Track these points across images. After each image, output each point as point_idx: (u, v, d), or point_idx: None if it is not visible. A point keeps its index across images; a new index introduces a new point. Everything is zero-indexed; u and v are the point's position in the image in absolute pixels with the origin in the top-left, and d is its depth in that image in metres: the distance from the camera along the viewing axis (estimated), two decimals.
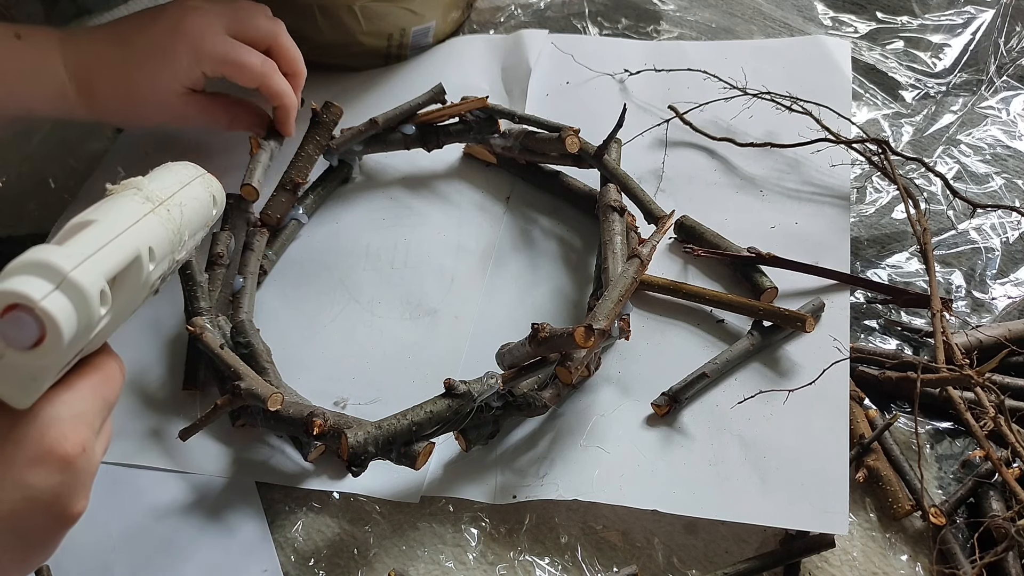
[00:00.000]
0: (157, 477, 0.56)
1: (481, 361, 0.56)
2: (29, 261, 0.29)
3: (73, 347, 0.30)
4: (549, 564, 0.51)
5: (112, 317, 0.33)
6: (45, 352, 0.29)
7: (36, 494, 0.32)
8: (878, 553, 0.50)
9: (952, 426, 0.55)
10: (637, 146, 0.69)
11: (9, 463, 0.31)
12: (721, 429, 0.53)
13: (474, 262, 0.66)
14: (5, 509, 0.31)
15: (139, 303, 0.37)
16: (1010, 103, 0.72)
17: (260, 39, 0.63)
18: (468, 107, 0.67)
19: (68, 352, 0.30)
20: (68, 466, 0.32)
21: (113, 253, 0.31)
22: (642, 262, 0.53)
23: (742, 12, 0.82)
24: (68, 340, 0.29)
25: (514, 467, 0.54)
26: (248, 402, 0.53)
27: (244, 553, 0.52)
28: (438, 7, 0.78)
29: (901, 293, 0.59)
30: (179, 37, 0.60)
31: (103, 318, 0.31)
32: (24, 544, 0.33)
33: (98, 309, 0.30)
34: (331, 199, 0.71)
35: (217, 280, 0.62)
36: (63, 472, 0.32)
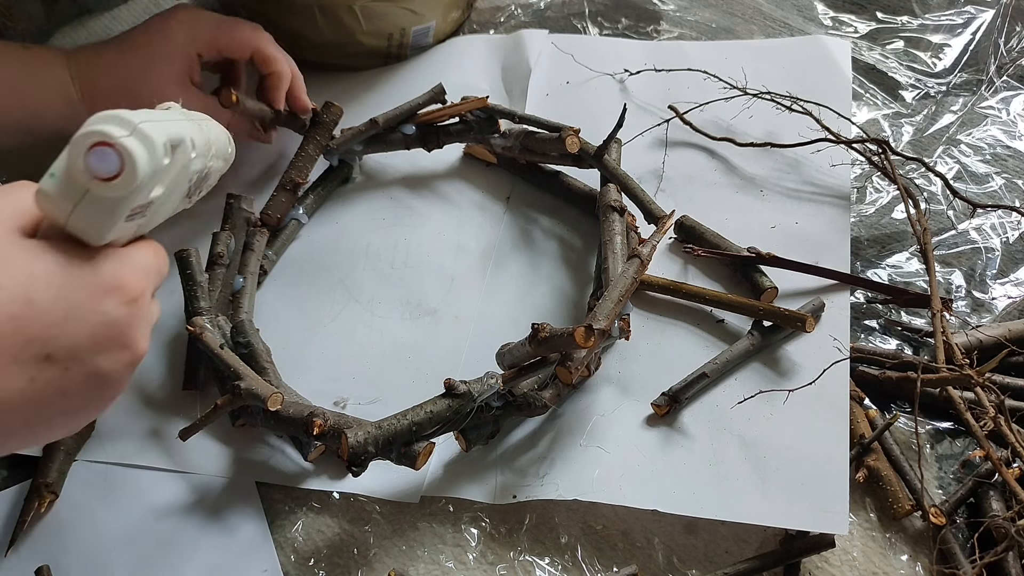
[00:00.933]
0: (157, 477, 0.56)
1: (481, 361, 0.56)
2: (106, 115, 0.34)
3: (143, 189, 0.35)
4: (549, 564, 0.51)
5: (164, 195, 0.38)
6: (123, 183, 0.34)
7: (110, 319, 0.36)
8: (878, 553, 0.50)
9: (952, 426, 0.55)
10: (637, 146, 0.69)
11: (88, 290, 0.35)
12: (721, 429, 0.53)
13: (474, 262, 0.66)
14: (86, 331, 0.35)
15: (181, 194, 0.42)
16: (1010, 103, 0.72)
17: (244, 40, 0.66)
18: (468, 107, 0.67)
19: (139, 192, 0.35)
20: (134, 302, 0.37)
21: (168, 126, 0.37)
22: (642, 262, 0.53)
23: (742, 12, 0.82)
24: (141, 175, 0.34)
25: (514, 467, 0.54)
26: (248, 402, 0.53)
27: (244, 553, 0.52)
28: (438, 7, 0.78)
29: (901, 293, 0.59)
30: (172, 21, 0.63)
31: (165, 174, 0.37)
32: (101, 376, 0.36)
33: (162, 158, 0.36)
34: (331, 199, 0.71)
35: (217, 280, 0.62)
36: (130, 306, 0.37)
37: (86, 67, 0.62)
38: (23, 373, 0.34)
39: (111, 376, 0.37)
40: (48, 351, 0.34)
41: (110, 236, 0.36)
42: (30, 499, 0.54)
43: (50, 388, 0.35)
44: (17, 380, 0.33)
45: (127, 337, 0.37)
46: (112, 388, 0.38)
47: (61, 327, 0.34)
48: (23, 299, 0.33)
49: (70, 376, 0.35)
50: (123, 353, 0.37)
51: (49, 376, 0.34)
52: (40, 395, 0.34)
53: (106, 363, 0.36)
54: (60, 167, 0.34)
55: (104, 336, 0.36)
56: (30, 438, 0.37)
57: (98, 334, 0.36)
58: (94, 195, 0.34)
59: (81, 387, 0.36)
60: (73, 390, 0.36)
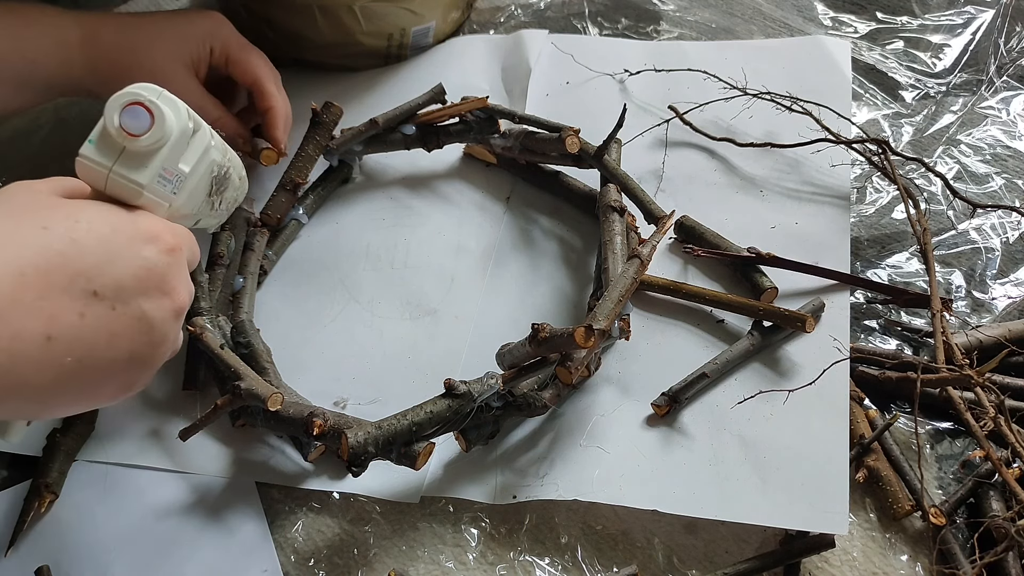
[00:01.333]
0: (157, 477, 0.56)
1: (481, 361, 0.56)
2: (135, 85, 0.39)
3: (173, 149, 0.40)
4: (549, 564, 0.51)
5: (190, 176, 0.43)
6: (154, 134, 0.38)
7: (151, 264, 0.38)
8: (878, 553, 0.50)
9: (952, 426, 0.55)
10: (637, 146, 0.69)
11: (129, 236, 0.38)
12: (721, 429, 0.53)
13: (474, 262, 0.66)
14: (129, 271, 0.37)
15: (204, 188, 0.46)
16: (1010, 103, 0.72)
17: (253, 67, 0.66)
18: (468, 107, 0.67)
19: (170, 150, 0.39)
20: (172, 252, 0.39)
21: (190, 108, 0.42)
22: (642, 262, 0.53)
23: (742, 12, 0.82)
24: (169, 128, 0.39)
25: (514, 467, 0.54)
26: (248, 402, 0.53)
27: (244, 553, 0.52)
28: (438, 7, 0.78)
29: (901, 293, 0.59)
30: (202, 14, 0.64)
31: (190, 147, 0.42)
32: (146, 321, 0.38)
33: (187, 121, 0.40)
34: (331, 199, 0.71)
35: (217, 280, 0.62)
36: (169, 255, 0.39)
37: (95, 21, 0.61)
38: (73, 306, 0.35)
39: (155, 321, 0.39)
40: (94, 287, 0.36)
41: (146, 195, 0.40)
42: (30, 499, 0.54)
43: (100, 325, 0.36)
44: (69, 312, 0.35)
45: (167, 284, 0.39)
46: (157, 335, 0.39)
47: (105, 266, 0.36)
48: (68, 239, 0.36)
49: (117, 316, 0.37)
50: (165, 300, 0.39)
51: (98, 312, 0.36)
52: (91, 333, 0.36)
53: (149, 307, 0.38)
54: (97, 131, 0.39)
55: (146, 279, 0.38)
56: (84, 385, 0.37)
57: (140, 276, 0.38)
58: (129, 151, 0.39)
59: (128, 329, 0.38)
60: (121, 331, 0.37)
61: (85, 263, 0.36)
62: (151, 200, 0.41)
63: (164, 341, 0.40)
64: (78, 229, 0.36)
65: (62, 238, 0.36)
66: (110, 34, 0.61)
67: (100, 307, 0.36)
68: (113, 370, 0.38)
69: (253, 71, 0.65)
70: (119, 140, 0.38)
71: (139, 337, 0.38)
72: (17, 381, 0.34)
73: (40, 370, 0.35)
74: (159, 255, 0.39)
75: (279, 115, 0.65)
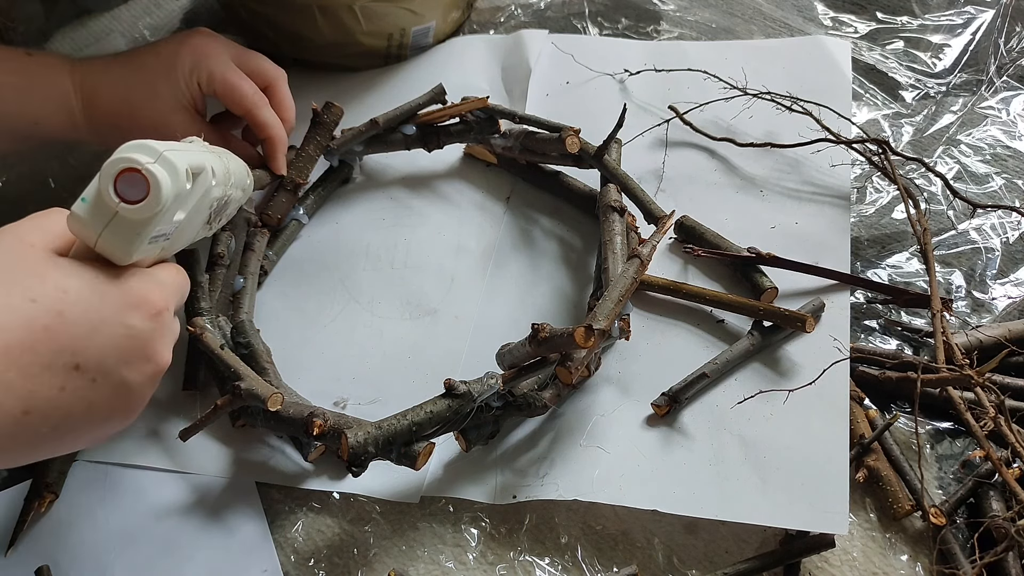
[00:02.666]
0: (157, 477, 0.56)
1: (481, 361, 0.56)
2: (134, 144, 0.38)
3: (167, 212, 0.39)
4: (549, 564, 0.51)
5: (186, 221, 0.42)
6: (148, 206, 0.37)
7: (135, 332, 0.39)
8: (878, 553, 0.50)
9: (952, 426, 0.55)
10: (637, 146, 0.69)
11: (115, 305, 0.38)
12: (721, 429, 0.53)
13: (474, 262, 0.66)
14: (113, 342, 0.38)
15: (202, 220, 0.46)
16: (1010, 103, 0.72)
17: (260, 76, 0.64)
18: (469, 107, 0.67)
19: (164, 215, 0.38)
20: (157, 316, 0.40)
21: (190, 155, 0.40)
22: (642, 262, 0.53)
23: (742, 12, 0.82)
24: (165, 199, 0.38)
25: (514, 467, 0.54)
26: (248, 402, 0.53)
27: (244, 553, 0.52)
28: (438, 7, 0.78)
29: (901, 293, 0.59)
30: (184, 47, 0.62)
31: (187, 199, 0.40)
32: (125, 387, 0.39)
33: (184, 183, 0.39)
34: (332, 199, 0.71)
35: (217, 280, 0.62)
36: (154, 320, 0.40)
37: (91, 79, 0.61)
38: (54, 381, 0.36)
39: (135, 387, 0.39)
40: (77, 361, 0.36)
41: (136, 256, 0.39)
42: (30, 499, 0.54)
43: (78, 397, 0.37)
44: (49, 387, 0.36)
45: (151, 349, 0.40)
46: (135, 400, 0.40)
47: (90, 338, 0.37)
48: (55, 312, 0.36)
49: (97, 387, 0.37)
50: (147, 365, 0.40)
51: (78, 385, 0.37)
52: (69, 404, 0.36)
53: (131, 374, 0.39)
54: (91, 192, 0.38)
55: (129, 348, 0.38)
56: (58, 446, 0.38)
57: (123, 346, 0.38)
58: (122, 217, 0.37)
59: (107, 398, 0.38)
60: (99, 400, 0.38)
61: (69, 337, 0.36)
62: (142, 258, 0.40)
63: (142, 402, 0.41)
64: (65, 301, 0.36)
65: (49, 311, 0.36)
66: (105, 97, 0.61)
67: (81, 380, 0.37)
68: (88, 431, 0.39)
69: (240, 102, 0.62)
70: (112, 205, 0.37)
71: (117, 403, 0.39)
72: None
73: (14, 440, 0.35)
74: (144, 322, 0.39)
75: (276, 144, 0.64)
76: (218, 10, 0.87)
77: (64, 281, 0.37)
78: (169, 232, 0.41)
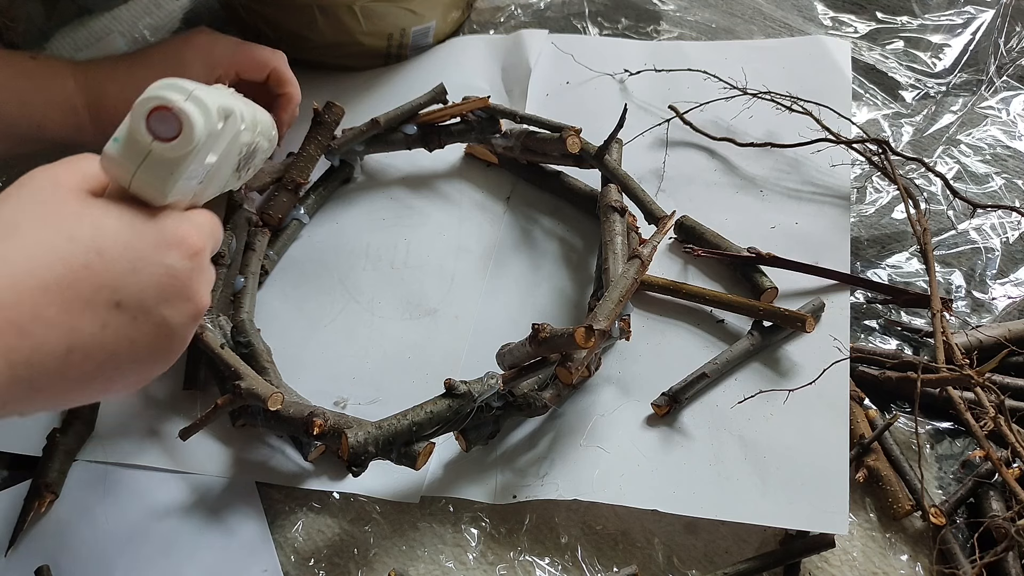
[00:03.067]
0: (157, 477, 0.56)
1: (481, 361, 0.56)
2: (164, 83, 0.38)
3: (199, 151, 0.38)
4: (549, 564, 0.51)
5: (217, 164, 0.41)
6: (181, 144, 0.37)
7: (174, 271, 0.38)
8: (878, 553, 0.50)
9: (952, 426, 0.55)
10: (637, 146, 0.69)
11: (153, 244, 0.38)
12: (721, 429, 0.53)
13: (474, 262, 0.66)
14: (152, 281, 0.37)
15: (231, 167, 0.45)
16: (1010, 103, 0.72)
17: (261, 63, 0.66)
18: (470, 107, 0.67)
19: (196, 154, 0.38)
20: (195, 256, 0.39)
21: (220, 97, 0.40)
22: (643, 263, 0.53)
23: (742, 12, 0.82)
24: (198, 136, 0.37)
25: (514, 467, 0.54)
26: (248, 402, 0.53)
27: (244, 553, 0.52)
28: (438, 7, 0.78)
29: (901, 293, 0.59)
30: (189, 45, 0.62)
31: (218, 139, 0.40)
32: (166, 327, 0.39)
33: (216, 122, 0.39)
34: (332, 199, 0.71)
35: (218, 280, 0.62)
36: (192, 259, 0.39)
37: (95, 81, 0.61)
38: (96, 318, 0.36)
39: (175, 327, 0.39)
40: (118, 298, 0.36)
41: (171, 196, 0.39)
42: (30, 499, 0.54)
43: (120, 335, 0.37)
44: (91, 324, 0.35)
45: (190, 289, 0.39)
46: (176, 340, 0.40)
47: (129, 276, 0.37)
48: (94, 249, 0.36)
49: (138, 325, 0.37)
50: (186, 305, 0.39)
51: (119, 323, 0.37)
52: (111, 341, 0.36)
53: (171, 313, 0.39)
54: (123, 132, 0.37)
55: (168, 287, 0.38)
56: (103, 387, 0.38)
57: (163, 284, 0.38)
58: (155, 156, 0.37)
59: (148, 336, 0.38)
60: (141, 339, 0.38)
61: (109, 275, 0.36)
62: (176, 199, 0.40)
63: (183, 343, 0.41)
64: (103, 239, 0.36)
65: (88, 249, 0.35)
66: (111, 98, 0.61)
67: (122, 317, 0.37)
68: (131, 371, 0.39)
69: (263, 66, 0.65)
70: (145, 144, 0.37)
71: (159, 342, 0.39)
72: (35, 389, 0.34)
73: (59, 380, 0.35)
74: (182, 261, 0.39)
75: (292, 100, 0.67)
76: (218, 10, 0.87)
77: (101, 220, 0.37)
78: (201, 176, 0.41)
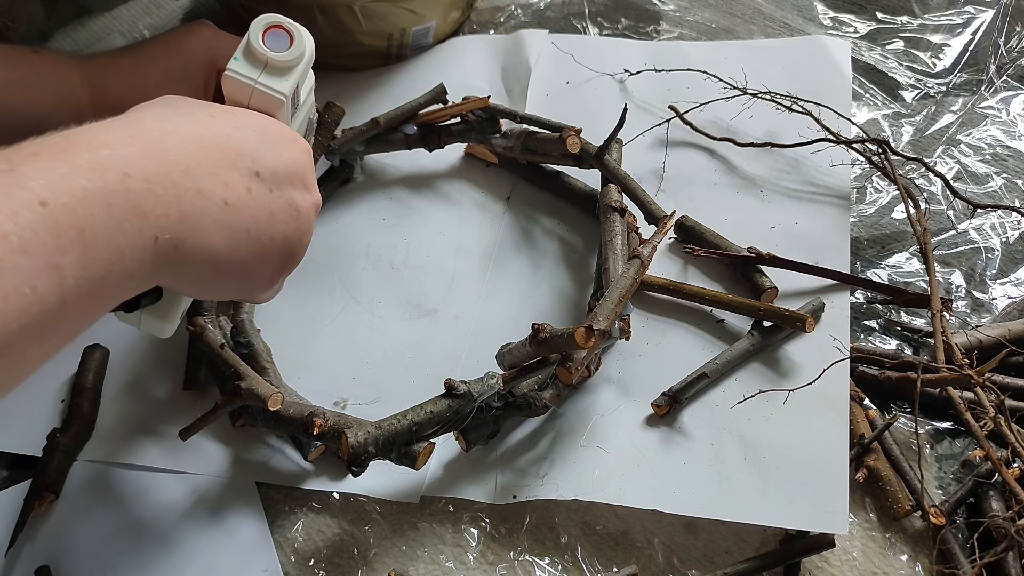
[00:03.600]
0: (157, 477, 0.56)
1: (481, 361, 0.56)
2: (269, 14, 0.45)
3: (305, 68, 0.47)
4: (549, 564, 0.51)
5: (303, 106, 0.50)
6: (294, 50, 0.45)
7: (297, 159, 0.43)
8: (878, 553, 0.50)
9: (952, 426, 0.55)
10: (638, 146, 0.69)
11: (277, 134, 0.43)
12: (721, 429, 0.53)
13: (474, 262, 0.66)
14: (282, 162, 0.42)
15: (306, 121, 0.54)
16: (1010, 103, 0.72)
17: None
18: (470, 107, 0.67)
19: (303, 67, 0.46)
20: (308, 153, 0.45)
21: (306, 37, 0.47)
22: (643, 263, 0.53)
23: (742, 12, 0.82)
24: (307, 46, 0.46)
25: (514, 467, 0.54)
26: (248, 402, 0.53)
27: (244, 553, 0.52)
28: (438, 7, 0.78)
29: (901, 293, 0.59)
30: (193, 37, 0.62)
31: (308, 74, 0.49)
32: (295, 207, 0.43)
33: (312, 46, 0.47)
34: (332, 199, 0.71)
35: None
36: (307, 156, 0.45)
37: (98, 73, 0.61)
38: (241, 181, 0.39)
39: (303, 211, 0.43)
40: (257, 167, 0.40)
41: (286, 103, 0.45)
42: (30, 499, 0.54)
43: (262, 202, 0.41)
44: (238, 185, 0.39)
45: (308, 180, 0.45)
46: (305, 224, 0.44)
47: (264, 151, 0.41)
48: (232, 126, 0.41)
49: (274, 197, 0.41)
50: (307, 194, 0.44)
51: (260, 190, 0.40)
52: (256, 207, 0.40)
53: (297, 196, 0.43)
54: (241, 49, 0.45)
55: (294, 172, 0.43)
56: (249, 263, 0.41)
57: (290, 167, 0.43)
58: (272, 65, 0.45)
59: (283, 212, 0.42)
60: (278, 212, 0.42)
61: (248, 147, 0.40)
62: (285, 113, 0.46)
63: (308, 231, 0.45)
64: (238, 121, 0.41)
65: (227, 124, 0.41)
66: (116, 87, 0.61)
67: (262, 186, 0.40)
68: (271, 250, 0.42)
69: None
70: (263, 55, 0.44)
71: (291, 222, 0.42)
72: (202, 240, 0.37)
73: (219, 231, 0.38)
74: (301, 154, 0.44)
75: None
76: (218, 10, 0.87)
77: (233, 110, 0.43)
78: (297, 108, 0.48)
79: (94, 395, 0.59)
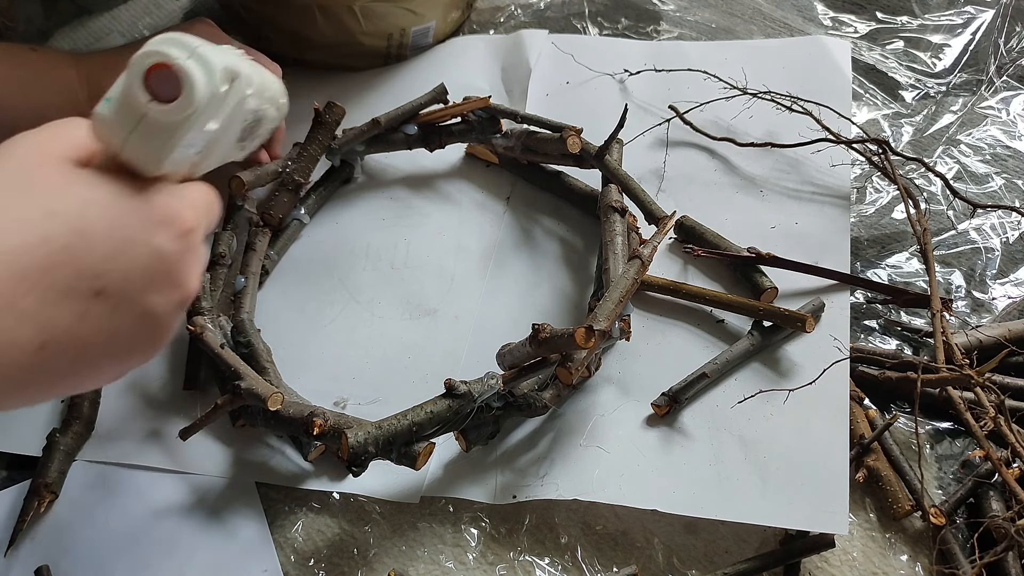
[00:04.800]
0: (157, 477, 0.56)
1: (481, 361, 0.56)
2: (165, 38, 0.34)
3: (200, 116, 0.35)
4: (549, 564, 0.51)
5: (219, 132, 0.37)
6: (180, 107, 0.33)
7: (163, 253, 0.35)
8: (878, 553, 0.50)
9: (952, 426, 0.55)
10: (638, 146, 0.69)
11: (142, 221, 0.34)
12: (721, 429, 0.53)
13: (475, 262, 0.66)
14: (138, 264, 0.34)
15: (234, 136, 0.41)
16: (1010, 103, 0.72)
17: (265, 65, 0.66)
18: (470, 107, 0.67)
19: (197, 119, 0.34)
20: (187, 235, 0.36)
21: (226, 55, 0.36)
22: (643, 263, 0.53)
23: (742, 12, 0.82)
24: (199, 99, 0.34)
25: (514, 467, 0.54)
26: (248, 402, 0.53)
27: (244, 553, 0.52)
28: (438, 7, 0.78)
29: (901, 293, 0.59)
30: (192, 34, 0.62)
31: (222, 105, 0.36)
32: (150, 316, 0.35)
33: (220, 84, 0.35)
34: (333, 199, 0.71)
35: (219, 280, 0.62)
36: (182, 240, 0.36)
37: (97, 71, 0.61)
38: (75, 308, 0.32)
39: (160, 316, 0.36)
40: (100, 285, 0.33)
41: (165, 166, 0.35)
42: (30, 499, 0.54)
43: (99, 327, 0.34)
44: (69, 315, 0.32)
45: (178, 273, 0.36)
46: (160, 330, 0.37)
47: (113, 260, 0.33)
48: (77, 229, 0.32)
49: (119, 315, 0.34)
50: (173, 292, 0.36)
51: (99, 313, 0.33)
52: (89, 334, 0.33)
53: (156, 301, 0.35)
54: (117, 91, 0.34)
55: (155, 271, 0.35)
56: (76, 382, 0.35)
57: (149, 268, 0.35)
58: (151, 119, 0.34)
59: (130, 327, 0.35)
60: (122, 330, 0.35)
61: (92, 259, 0.33)
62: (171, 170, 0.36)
63: (168, 332, 0.38)
64: (87, 216, 0.33)
65: (70, 228, 0.32)
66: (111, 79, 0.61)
67: (102, 307, 0.33)
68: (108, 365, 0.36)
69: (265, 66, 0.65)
70: (140, 105, 0.33)
71: (141, 333, 0.36)
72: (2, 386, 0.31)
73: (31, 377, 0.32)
74: (172, 242, 0.35)
75: (279, 132, 0.66)
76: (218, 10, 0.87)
77: (86, 193, 0.33)
78: (200, 145, 0.37)
79: (94, 395, 0.59)
